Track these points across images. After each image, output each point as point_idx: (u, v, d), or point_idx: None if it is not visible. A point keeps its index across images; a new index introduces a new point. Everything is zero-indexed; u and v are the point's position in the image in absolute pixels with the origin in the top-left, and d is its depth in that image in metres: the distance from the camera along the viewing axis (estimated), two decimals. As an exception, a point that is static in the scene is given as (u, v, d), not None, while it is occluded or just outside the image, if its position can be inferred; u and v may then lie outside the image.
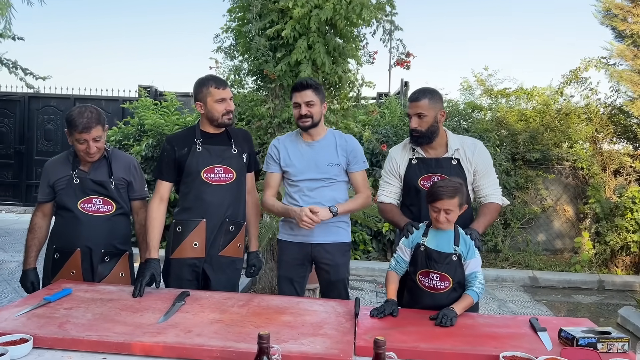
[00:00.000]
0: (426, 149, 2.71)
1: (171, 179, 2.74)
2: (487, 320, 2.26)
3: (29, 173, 9.82)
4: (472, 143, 2.73)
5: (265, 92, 4.62)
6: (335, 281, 2.87)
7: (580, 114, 7.10)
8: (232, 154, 2.75)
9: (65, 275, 2.62)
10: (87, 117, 2.51)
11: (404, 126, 6.99)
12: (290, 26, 4.16)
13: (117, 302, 2.27)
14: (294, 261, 2.88)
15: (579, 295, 5.77)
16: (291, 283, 2.88)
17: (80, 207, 2.59)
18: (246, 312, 2.21)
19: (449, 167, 2.65)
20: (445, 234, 2.38)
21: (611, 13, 6.89)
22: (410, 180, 2.69)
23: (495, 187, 2.73)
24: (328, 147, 2.84)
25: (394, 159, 2.79)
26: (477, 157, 2.68)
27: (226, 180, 2.72)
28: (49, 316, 2.05)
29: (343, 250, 2.89)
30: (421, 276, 2.40)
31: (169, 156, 2.72)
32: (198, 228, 2.69)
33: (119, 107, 9.24)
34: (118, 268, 2.70)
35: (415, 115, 2.60)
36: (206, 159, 2.69)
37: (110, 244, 2.66)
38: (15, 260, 6.16)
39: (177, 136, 2.83)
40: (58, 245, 2.65)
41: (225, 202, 2.72)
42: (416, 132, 2.63)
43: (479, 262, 2.37)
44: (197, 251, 2.70)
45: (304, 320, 2.14)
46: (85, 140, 2.51)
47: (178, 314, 2.14)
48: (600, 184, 6.72)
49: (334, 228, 2.85)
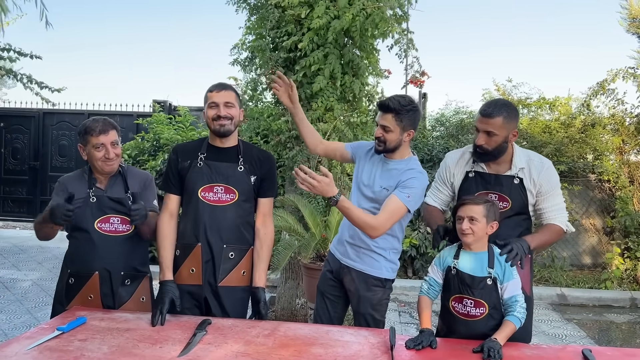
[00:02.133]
0: (488, 163, 2.46)
1: (179, 191, 2.50)
2: (535, 352, 2.07)
3: (43, 189, 9.78)
4: (539, 162, 2.46)
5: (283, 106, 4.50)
6: (356, 312, 2.65)
7: (606, 125, 6.88)
8: (238, 172, 2.46)
9: (83, 300, 2.44)
10: (102, 122, 2.42)
11: (423, 139, 6.83)
12: (308, 38, 4.05)
13: (134, 331, 2.12)
14: (328, 274, 2.73)
15: (611, 314, 5.51)
16: (322, 297, 2.72)
17: (97, 227, 2.44)
18: (272, 344, 2.05)
19: (509, 185, 2.42)
20: (478, 256, 2.20)
21: (637, 20, 6.70)
22: (465, 194, 2.42)
23: (560, 211, 2.47)
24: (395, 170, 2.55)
25: (449, 167, 2.58)
26: (543, 178, 2.41)
27: (226, 201, 2.44)
28: (62, 349, 1.91)
29: (370, 284, 2.59)
30: (454, 302, 2.22)
31: (174, 167, 2.49)
32: (194, 253, 2.43)
33: (133, 123, 9.18)
34: (139, 292, 2.53)
35: (485, 132, 2.34)
36: (205, 176, 2.43)
37: (129, 266, 2.50)
38: (29, 278, 6.06)
39: (184, 147, 2.59)
40: (73, 269, 2.47)
41: (223, 226, 2.43)
42: (481, 150, 2.38)
43: (519, 284, 2.17)
44: (194, 277, 2.44)
45: (336, 352, 1.98)
46: (103, 144, 2.39)
47: (200, 346, 1.99)
48: (628, 196, 6.48)
49: (367, 257, 2.58)
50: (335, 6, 4.05)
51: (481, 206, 2.18)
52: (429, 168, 6.43)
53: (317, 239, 3.95)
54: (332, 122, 4.32)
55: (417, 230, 6.33)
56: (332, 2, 4.10)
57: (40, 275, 6.23)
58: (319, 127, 4.27)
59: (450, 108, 7.64)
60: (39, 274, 6.28)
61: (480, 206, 2.18)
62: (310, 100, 4.31)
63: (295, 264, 4.40)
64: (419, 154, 6.45)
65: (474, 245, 2.21)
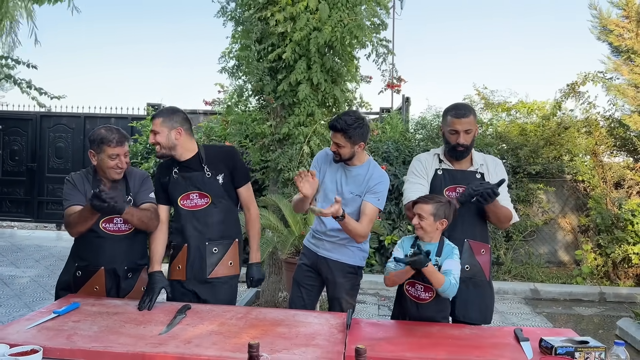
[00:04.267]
0: (453, 162, 2.79)
1: (166, 202, 2.87)
2: (474, 331, 2.36)
3: (40, 190, 10.03)
4: (493, 160, 2.85)
5: (268, 110, 4.79)
6: (331, 297, 2.98)
7: (580, 128, 7.19)
8: (206, 178, 2.79)
9: (89, 290, 2.71)
10: (118, 133, 2.67)
11: (405, 141, 7.12)
12: (291, 49, 4.33)
13: (122, 315, 2.40)
14: (304, 266, 3.01)
15: (580, 307, 5.81)
16: (298, 287, 3.00)
17: (103, 227, 2.68)
18: (243, 324, 2.33)
19: (473, 179, 2.73)
20: (430, 246, 2.48)
21: (607, 29, 7.02)
22: (435, 189, 2.74)
23: (508, 203, 2.79)
24: (359, 176, 2.87)
25: (422, 161, 2.84)
26: (499, 173, 2.78)
27: (202, 205, 2.80)
28: (57, 329, 2.18)
29: (345, 272, 2.93)
30: (408, 286, 2.53)
31: (157, 182, 2.88)
32: (182, 252, 2.82)
33: (127, 125, 9.44)
34: (139, 283, 2.81)
35: (464, 131, 2.67)
36: (182, 186, 2.80)
37: (131, 261, 2.77)
38: (27, 275, 6.33)
39: (163, 164, 2.95)
40: (81, 264, 2.72)
41: (204, 226, 2.79)
42: (462, 147, 2.70)
43: (457, 266, 2.40)
44: (180, 274, 2.83)
45: (297, 331, 2.26)
46: (117, 155, 2.64)
47: (179, 326, 2.27)
48: (601, 196, 6.79)
49: (342, 247, 2.91)
50: (315, 18, 4.33)
51: (430, 205, 2.47)
52: (410, 169, 6.72)
53: (295, 235, 4.24)
54: (312, 125, 4.61)
55: (399, 229, 6.62)
56: (313, 14, 4.38)
57: (37, 272, 6.50)
58: (301, 130, 4.56)
59: (431, 112, 7.97)
60: (36, 271, 6.55)
61: (429, 205, 2.47)
62: (293, 107, 4.60)
63: (277, 259, 4.68)
64: (401, 155, 6.75)
65: (426, 238, 2.50)
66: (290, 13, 4.33)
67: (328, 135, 4.59)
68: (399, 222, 6.70)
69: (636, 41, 6.68)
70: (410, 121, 8.06)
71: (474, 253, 2.70)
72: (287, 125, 4.55)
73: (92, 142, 2.68)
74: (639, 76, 6.58)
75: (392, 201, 6.80)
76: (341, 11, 4.30)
